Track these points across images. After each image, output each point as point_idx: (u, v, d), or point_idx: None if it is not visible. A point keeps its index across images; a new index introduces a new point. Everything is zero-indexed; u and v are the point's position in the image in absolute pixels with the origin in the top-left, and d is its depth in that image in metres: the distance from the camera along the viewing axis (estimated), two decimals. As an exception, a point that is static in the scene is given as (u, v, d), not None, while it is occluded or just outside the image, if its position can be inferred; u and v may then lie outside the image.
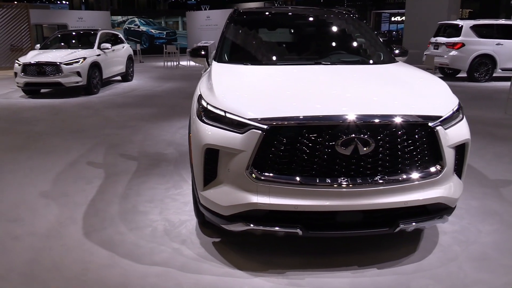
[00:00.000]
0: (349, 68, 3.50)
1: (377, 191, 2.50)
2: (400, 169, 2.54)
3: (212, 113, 2.71)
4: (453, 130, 2.69)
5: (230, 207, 2.61)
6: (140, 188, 4.22)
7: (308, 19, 4.46)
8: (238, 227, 2.65)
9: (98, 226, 3.42)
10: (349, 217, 2.58)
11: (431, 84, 3.11)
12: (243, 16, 4.36)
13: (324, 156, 2.47)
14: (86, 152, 5.49)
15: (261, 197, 2.52)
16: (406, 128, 2.53)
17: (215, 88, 2.87)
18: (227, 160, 2.59)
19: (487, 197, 3.92)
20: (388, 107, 2.59)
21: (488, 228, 3.32)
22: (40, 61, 9.78)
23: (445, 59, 12.31)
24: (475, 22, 12.36)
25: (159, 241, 3.16)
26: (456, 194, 2.74)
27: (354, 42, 4.19)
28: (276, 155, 2.50)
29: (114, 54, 11.69)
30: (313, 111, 2.50)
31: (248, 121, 2.52)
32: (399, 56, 4.08)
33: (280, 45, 4.13)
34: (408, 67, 3.61)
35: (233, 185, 2.60)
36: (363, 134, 2.44)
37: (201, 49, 4.07)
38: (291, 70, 3.41)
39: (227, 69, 3.46)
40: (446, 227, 3.30)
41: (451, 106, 2.77)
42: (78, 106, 8.96)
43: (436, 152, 2.60)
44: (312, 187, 2.47)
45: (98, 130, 6.73)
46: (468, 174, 4.50)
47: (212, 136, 2.63)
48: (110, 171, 4.76)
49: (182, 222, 3.46)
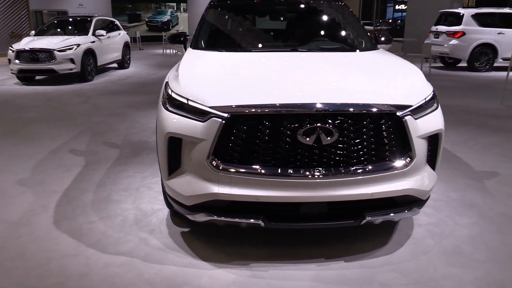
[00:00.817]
0: (325, 55, 3.40)
1: (342, 182, 2.42)
2: (366, 160, 2.46)
3: (176, 100, 2.64)
4: (424, 120, 2.59)
5: (192, 197, 2.55)
6: (117, 176, 4.17)
7: (291, 5, 4.33)
8: (200, 218, 2.59)
9: (69, 214, 3.38)
10: (313, 208, 2.51)
11: (405, 73, 3.00)
12: (223, 1, 4.25)
13: (286, 146, 2.39)
14: (70, 140, 5.44)
15: (222, 187, 2.45)
16: (373, 118, 2.44)
17: (180, 75, 2.80)
18: (190, 149, 2.52)
19: (469, 189, 3.83)
20: (355, 95, 2.50)
21: (465, 221, 3.23)
22: (34, 47, 9.72)
23: (445, 48, 12.11)
24: (477, 11, 12.10)
25: (127, 231, 3.11)
26: (427, 186, 2.65)
27: (335, 28, 4.08)
28: (237, 144, 2.42)
29: (109, 41, 11.60)
30: (275, 99, 2.42)
31: (209, 109, 2.44)
32: (383, 44, 3.97)
33: (260, 32, 4.02)
34: (387, 54, 3.50)
35: (196, 175, 2.54)
36: (326, 124, 2.35)
37: (179, 36, 3.97)
38: (265, 57, 3.31)
39: (199, 56, 3.38)
40: (421, 219, 3.23)
41: (423, 95, 2.66)
42: (71, 93, 8.90)
43: (405, 143, 2.51)
44: (273, 177, 2.39)
45: (86, 118, 6.68)
46: (454, 165, 4.42)
47: (175, 125, 2.56)
48: (90, 159, 4.71)
49: (154, 211, 3.41)
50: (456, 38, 11.82)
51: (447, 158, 4.67)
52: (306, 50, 3.52)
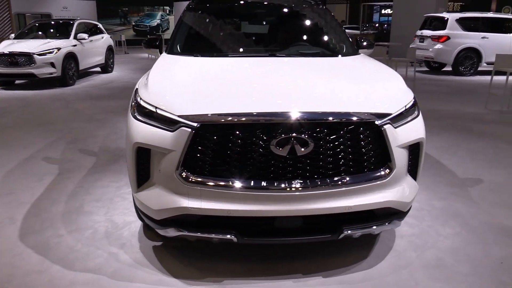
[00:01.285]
0: (303, 61, 3.29)
1: (318, 195, 2.30)
2: (343, 171, 2.34)
3: (144, 109, 2.50)
4: (405, 129, 2.49)
5: (161, 211, 2.41)
6: (91, 186, 4.01)
7: (271, 9, 4.23)
8: (170, 233, 2.45)
9: (37, 227, 3.21)
10: (288, 223, 2.38)
11: (385, 79, 2.90)
12: (201, 4, 4.13)
13: (259, 157, 2.27)
14: (45, 147, 5.25)
15: (192, 201, 2.32)
16: (350, 127, 2.33)
17: (150, 82, 2.67)
18: (159, 160, 2.38)
19: (453, 197, 3.75)
20: (331, 103, 2.39)
21: (448, 231, 3.14)
22: (13, 51, 9.47)
23: (430, 53, 12.14)
24: (461, 15, 12.18)
25: (97, 245, 2.95)
26: (408, 197, 2.55)
27: (316, 33, 3.98)
28: (208, 155, 2.29)
29: (92, 44, 11.38)
30: (247, 107, 2.29)
31: (177, 118, 2.31)
32: (365, 49, 3.88)
33: (238, 36, 3.90)
34: (367, 60, 3.41)
35: (165, 188, 2.40)
36: (300, 133, 2.24)
37: (155, 40, 3.84)
38: (241, 62, 3.19)
39: (172, 61, 3.24)
40: (403, 230, 3.13)
41: (403, 102, 2.57)
42: (51, 98, 8.68)
43: (384, 153, 2.41)
44: (246, 190, 2.26)
45: (64, 123, 6.49)
46: (437, 172, 4.34)
47: (143, 134, 2.42)
48: (65, 167, 4.53)
49: (126, 223, 3.25)
50: (440, 43, 11.86)
51: (431, 164, 4.59)
52: (284, 55, 3.40)
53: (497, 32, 11.90)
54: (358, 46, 3.88)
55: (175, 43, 3.63)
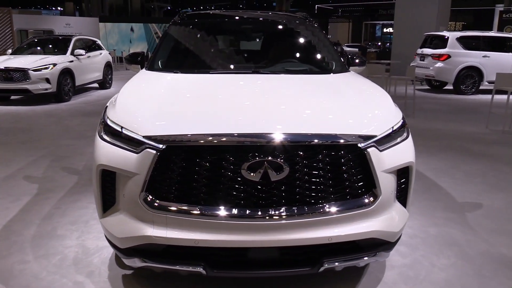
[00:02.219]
0: (286, 78, 3.12)
1: (294, 224, 2.10)
2: (322, 199, 2.14)
3: (110, 128, 2.33)
4: (392, 152, 2.29)
5: (125, 239, 2.21)
6: (68, 207, 3.81)
7: (259, 25, 4.09)
8: (135, 263, 2.24)
9: (4, 252, 3.02)
10: (262, 254, 2.17)
11: (371, 98, 2.72)
12: (188, 19, 3.99)
13: (230, 183, 2.07)
14: (27, 165, 5.08)
15: (157, 229, 2.12)
16: (330, 150, 2.14)
17: (118, 100, 2.51)
18: (124, 184, 2.20)
19: (449, 223, 3.52)
20: (310, 124, 2.20)
21: (443, 262, 2.91)
22: (8, 66, 9.39)
23: (430, 71, 12.00)
24: (462, 34, 12.07)
25: (63, 273, 2.75)
26: (396, 226, 2.34)
27: (304, 50, 3.82)
28: (174, 180, 2.10)
29: (89, 60, 11.32)
30: (218, 128, 2.11)
31: (142, 139, 2.13)
32: (356, 66, 3.71)
33: (223, 53, 3.75)
34: (356, 78, 3.24)
35: (129, 214, 2.21)
36: (274, 157, 2.05)
37: (138, 55, 3.69)
38: (221, 79, 3.02)
39: (148, 77, 3.09)
40: (394, 260, 2.90)
41: (390, 123, 2.37)
42: (43, 114, 8.55)
43: (369, 179, 2.21)
44: (215, 218, 2.07)
45: (52, 140, 6.33)
46: (434, 196, 4.13)
47: (107, 156, 2.25)
48: (44, 187, 4.35)
49: (98, 249, 3.05)
50: (441, 61, 11.73)
51: (427, 187, 4.38)
52: (268, 72, 3.23)
53: (498, 51, 11.76)
54: (349, 64, 3.71)
55: (156, 58, 3.49)
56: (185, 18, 3.97)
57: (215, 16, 4.18)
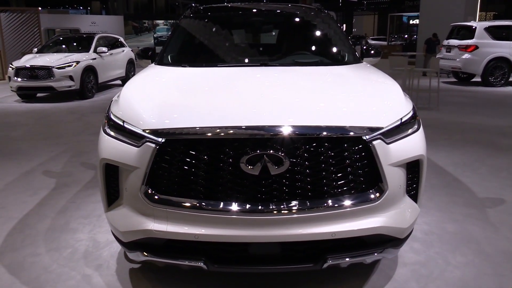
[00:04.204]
0: (295, 70, 3.03)
1: (296, 219, 2.03)
2: (325, 193, 2.07)
3: (113, 122, 2.33)
4: (400, 145, 2.19)
5: (127, 233, 2.21)
6: (83, 201, 3.87)
7: (271, 17, 4.01)
8: (137, 257, 2.24)
9: (17, 245, 3.08)
10: (264, 249, 2.12)
11: (380, 88, 2.62)
12: (198, 13, 3.96)
13: (229, 176, 2.03)
14: (48, 160, 5.19)
15: (158, 223, 2.10)
16: (333, 143, 2.06)
17: (122, 95, 2.50)
18: (126, 178, 2.19)
19: (468, 219, 3.38)
20: (314, 116, 2.12)
21: (459, 259, 2.79)
22: (33, 65, 9.64)
23: (457, 63, 11.61)
24: (490, 24, 11.61)
25: (73, 266, 2.78)
26: (405, 222, 2.24)
27: (315, 41, 3.72)
28: (174, 174, 2.08)
29: (112, 58, 11.49)
30: (216, 121, 2.07)
31: (142, 133, 2.12)
32: (370, 57, 3.60)
33: (233, 46, 3.69)
34: (367, 68, 3.13)
35: (131, 208, 2.20)
36: (274, 150, 1.99)
37: (148, 50, 3.69)
38: (227, 73, 2.96)
39: (155, 72, 3.07)
40: (407, 257, 2.80)
41: (398, 114, 2.27)
42: (66, 111, 8.74)
43: (374, 172, 2.12)
44: (215, 213, 2.03)
45: (73, 136, 6.45)
46: (453, 191, 3.97)
47: (110, 150, 2.25)
48: (62, 181, 4.43)
49: (108, 243, 3.07)
50: (468, 52, 11.32)
51: (446, 182, 4.22)
52: (277, 65, 3.17)
53: (529, 41, 11.27)
54: (363, 55, 3.60)
55: (166, 53, 3.47)
56: (196, 11, 3.94)
57: (225, 9, 4.12)
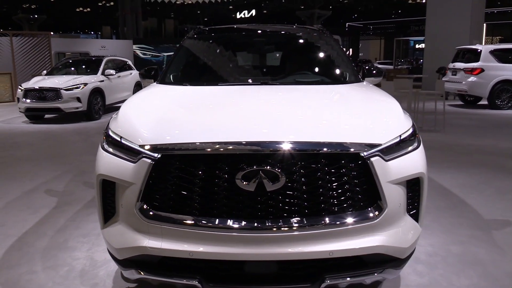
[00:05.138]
0: (294, 89, 3.04)
1: (293, 237, 1.99)
2: (323, 210, 2.03)
3: (111, 139, 2.33)
4: (399, 162, 2.16)
5: (122, 250, 2.18)
6: (83, 220, 3.84)
7: (274, 39, 4.05)
8: (131, 275, 2.20)
9: (14, 262, 3.05)
10: (260, 268, 2.08)
11: (379, 106, 2.60)
12: (202, 34, 4.02)
13: (225, 193, 2.00)
14: (50, 179, 5.20)
15: (153, 240, 2.07)
16: (330, 159, 2.04)
17: (120, 111, 2.52)
18: (122, 194, 2.18)
19: (474, 241, 3.29)
20: (309, 132, 2.11)
21: (464, 282, 2.71)
22: (42, 86, 9.79)
23: (463, 86, 11.58)
24: (495, 47, 11.65)
25: (68, 284, 2.74)
26: (405, 242, 2.18)
27: (317, 62, 3.74)
28: (170, 190, 2.06)
29: (119, 80, 11.66)
30: (212, 137, 2.06)
31: (139, 148, 2.11)
32: (372, 77, 3.60)
33: (234, 66, 3.73)
34: (367, 87, 3.12)
35: (127, 224, 2.18)
36: (270, 166, 1.97)
37: (151, 70, 3.73)
38: (226, 91, 2.97)
39: (155, 90, 3.10)
40: (410, 279, 2.72)
41: (397, 132, 2.25)
42: (73, 132, 8.82)
43: (373, 190, 2.08)
44: (210, 230, 2.00)
45: (77, 156, 6.48)
46: (459, 213, 3.89)
47: (107, 166, 2.24)
48: (63, 200, 4.42)
49: (105, 262, 3.03)
50: (474, 75, 11.32)
51: (452, 204, 4.14)
52: (278, 84, 3.18)
53: (535, 64, 11.25)
54: (364, 75, 3.61)
55: (168, 72, 3.51)
56: (200, 33, 4.00)
57: (229, 30, 4.18)
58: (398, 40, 30.02)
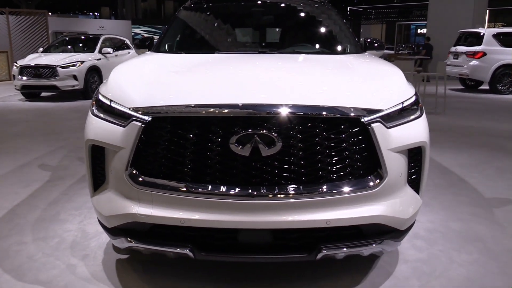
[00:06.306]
0: (293, 57, 2.93)
1: (289, 204, 1.91)
2: (320, 178, 1.95)
3: (100, 102, 2.24)
4: (401, 130, 2.07)
5: (110, 218, 2.10)
6: (76, 193, 3.77)
7: (272, 9, 3.91)
8: (121, 243, 2.12)
9: (4, 233, 2.98)
10: (254, 237, 2.00)
11: (380, 73, 2.50)
12: (198, 4, 3.88)
13: (217, 158, 1.92)
14: (45, 154, 5.11)
15: (143, 207, 1.99)
16: (329, 124, 1.94)
17: (112, 75, 2.42)
18: (112, 160, 2.09)
19: (474, 218, 3.23)
20: (307, 96, 2.01)
21: (464, 257, 2.64)
22: (37, 63, 9.63)
23: (464, 69, 11.44)
24: (498, 30, 11.47)
25: (58, 255, 2.67)
26: (405, 213, 2.11)
27: (317, 33, 3.62)
28: (161, 155, 1.97)
29: (117, 59, 11.45)
30: (205, 99, 1.96)
31: (129, 111, 2.02)
32: (373, 50, 3.49)
33: (231, 35, 3.61)
34: (370, 57, 3.02)
35: (116, 191, 2.10)
36: (266, 130, 1.87)
37: (146, 40, 3.62)
38: (223, 58, 2.86)
39: (149, 58, 2.99)
40: (409, 254, 2.66)
41: (400, 98, 2.15)
42: (69, 110, 8.70)
43: (373, 158, 2.00)
44: (202, 196, 1.91)
45: (72, 133, 6.38)
46: (459, 191, 3.83)
47: (96, 130, 2.15)
48: (57, 174, 4.34)
49: (97, 233, 2.96)
50: (476, 59, 11.17)
51: (452, 182, 4.07)
52: (275, 53, 3.07)
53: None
54: (366, 47, 3.49)
55: (163, 41, 3.39)
56: (197, 2, 3.87)
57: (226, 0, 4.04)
58: (400, 25, 29.65)
